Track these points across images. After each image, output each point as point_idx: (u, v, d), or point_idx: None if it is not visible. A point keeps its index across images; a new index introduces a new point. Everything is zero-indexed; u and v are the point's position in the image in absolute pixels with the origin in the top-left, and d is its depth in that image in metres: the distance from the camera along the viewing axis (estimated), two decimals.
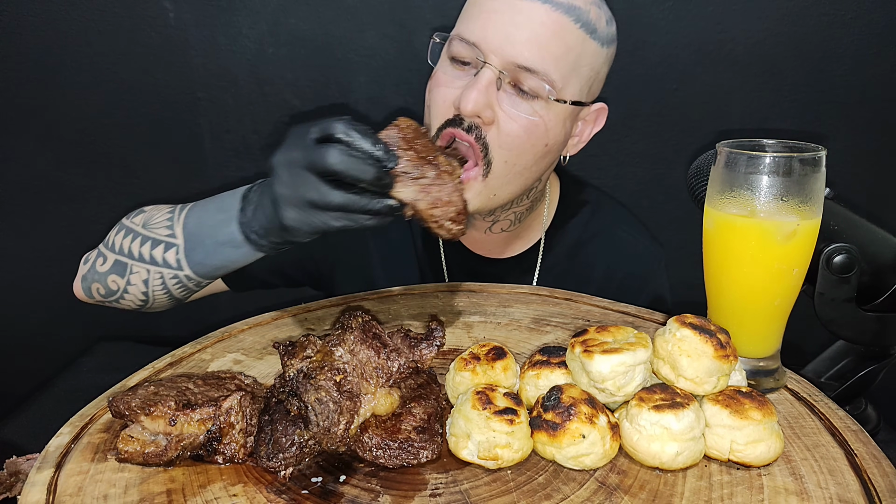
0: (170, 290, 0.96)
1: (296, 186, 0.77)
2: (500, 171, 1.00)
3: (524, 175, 1.03)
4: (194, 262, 0.93)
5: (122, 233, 0.99)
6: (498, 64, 0.96)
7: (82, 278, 1.02)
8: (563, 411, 0.67)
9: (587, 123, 1.09)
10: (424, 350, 0.78)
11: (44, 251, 1.69)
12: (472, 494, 0.63)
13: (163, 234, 0.95)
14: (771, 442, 0.67)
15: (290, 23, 1.52)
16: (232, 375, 0.78)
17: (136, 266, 0.95)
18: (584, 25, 0.98)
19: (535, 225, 1.20)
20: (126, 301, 0.99)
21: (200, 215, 0.94)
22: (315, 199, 0.76)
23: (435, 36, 1.05)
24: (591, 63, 1.01)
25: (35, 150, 1.61)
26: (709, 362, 0.70)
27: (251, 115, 1.59)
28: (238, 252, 0.90)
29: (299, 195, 0.77)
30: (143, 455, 0.66)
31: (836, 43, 1.51)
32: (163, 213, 0.98)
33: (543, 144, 1.01)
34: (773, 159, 0.74)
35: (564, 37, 0.96)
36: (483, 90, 0.95)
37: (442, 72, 1.02)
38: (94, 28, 1.51)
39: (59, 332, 1.75)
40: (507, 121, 0.97)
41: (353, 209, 0.76)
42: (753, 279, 0.79)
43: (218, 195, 0.95)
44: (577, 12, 0.97)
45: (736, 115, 1.59)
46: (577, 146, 1.10)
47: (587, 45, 0.99)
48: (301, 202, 0.77)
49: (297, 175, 0.77)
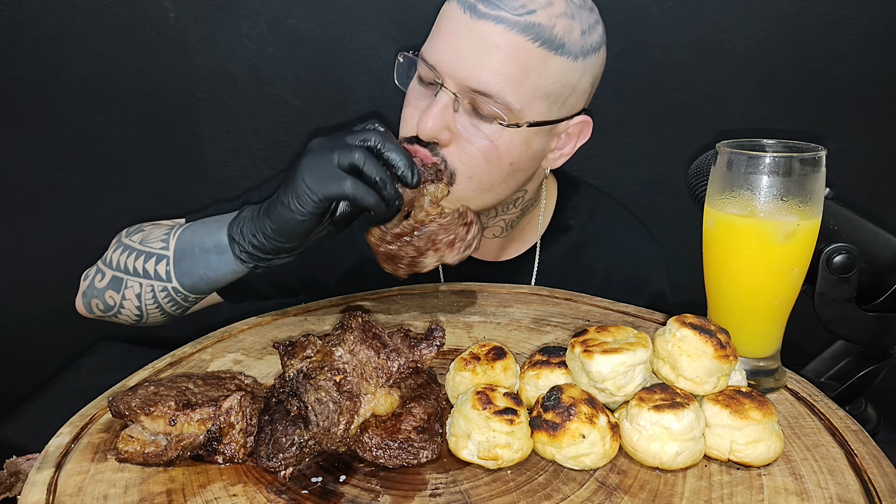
0: (160, 303, 0.97)
1: (324, 151, 0.81)
2: (465, 183, 0.98)
3: (494, 191, 1.01)
4: (181, 273, 0.94)
5: (119, 249, 1.00)
6: (453, 87, 0.94)
7: (83, 294, 1.03)
8: (563, 411, 0.67)
9: (570, 137, 1.05)
10: (424, 350, 0.78)
11: (44, 251, 1.69)
12: (472, 494, 0.63)
13: (157, 247, 0.96)
14: (771, 442, 0.67)
15: (290, 23, 1.52)
16: (232, 375, 0.78)
17: (131, 280, 0.96)
18: (546, 43, 0.93)
19: (530, 228, 1.19)
20: (123, 316, 1.01)
21: (197, 227, 0.95)
22: (340, 156, 0.80)
23: (399, 56, 1.03)
24: (559, 80, 0.96)
25: (35, 150, 1.61)
26: (709, 362, 0.70)
27: (251, 115, 1.59)
28: (220, 260, 0.91)
29: (324, 154, 0.81)
30: (143, 455, 0.67)
31: (836, 43, 1.51)
32: (162, 229, 1.00)
33: (508, 164, 0.99)
34: (773, 159, 0.74)
35: (521, 58, 0.92)
36: (439, 114, 0.94)
37: (410, 91, 1.02)
38: (94, 28, 1.51)
39: (59, 332, 1.75)
40: (463, 142, 0.96)
41: (369, 182, 0.81)
42: (753, 279, 0.79)
43: (224, 214, 0.97)
44: (535, 30, 0.92)
45: (736, 115, 1.59)
46: (559, 160, 1.07)
47: (552, 63, 0.94)
48: (324, 157, 0.81)
49: (325, 151, 0.82)
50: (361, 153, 0.80)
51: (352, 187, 0.79)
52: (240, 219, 0.90)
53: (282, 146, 1.61)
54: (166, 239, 0.96)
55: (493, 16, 0.92)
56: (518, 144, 0.98)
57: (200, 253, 0.92)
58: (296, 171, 0.82)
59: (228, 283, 0.95)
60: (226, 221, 0.92)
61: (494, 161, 0.97)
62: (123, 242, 1.00)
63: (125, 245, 0.99)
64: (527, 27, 0.92)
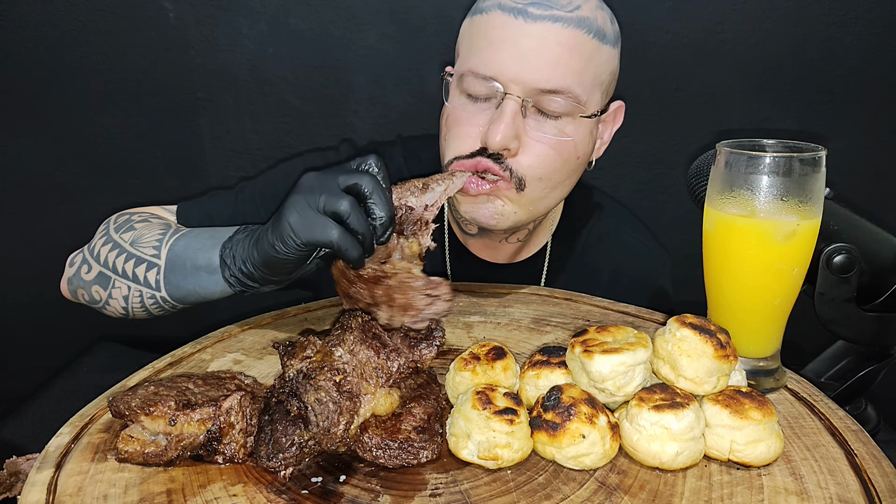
0: (148, 308, 0.98)
1: (313, 194, 0.79)
2: (535, 185, 0.99)
3: (560, 188, 1.03)
4: (170, 285, 0.94)
5: (108, 245, 0.99)
6: (520, 92, 0.94)
7: (68, 281, 1.04)
8: (563, 411, 0.67)
9: (607, 124, 1.09)
10: (424, 350, 0.78)
11: (44, 251, 1.69)
12: (472, 494, 0.63)
13: (148, 253, 0.96)
14: (771, 442, 0.67)
15: (290, 23, 1.52)
16: (232, 375, 0.78)
17: (119, 281, 0.96)
18: (596, 34, 0.97)
19: (542, 230, 1.19)
20: (108, 311, 1.01)
21: (190, 240, 0.95)
22: (326, 201, 0.77)
23: (447, 74, 1.04)
24: (608, 68, 1.01)
25: (35, 150, 1.61)
26: (709, 362, 0.70)
27: (251, 115, 1.59)
28: (210, 280, 0.91)
29: (313, 196, 0.78)
30: (143, 455, 0.66)
31: (836, 43, 1.51)
32: (154, 232, 0.99)
33: (575, 158, 1.01)
34: (773, 159, 0.74)
35: (581, 50, 0.95)
36: (510, 123, 0.94)
37: (460, 109, 1.00)
38: (94, 28, 1.51)
39: (59, 332, 1.75)
40: (534, 144, 0.96)
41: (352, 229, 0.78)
42: (753, 279, 0.79)
43: (218, 227, 0.96)
44: (587, 23, 0.96)
45: (736, 115, 1.59)
46: (600, 149, 1.10)
47: (602, 53, 0.98)
48: (312, 201, 0.78)
49: (314, 194, 0.79)
50: (348, 203, 0.77)
51: (337, 237, 0.76)
52: (233, 241, 0.90)
53: (282, 146, 1.61)
54: (158, 246, 0.96)
55: (548, 16, 0.94)
56: (585, 136, 1.00)
57: (192, 269, 0.92)
58: (283, 211, 0.80)
59: (217, 299, 0.95)
60: (219, 240, 0.92)
61: (565, 157, 0.99)
62: (112, 238, 1.00)
63: (115, 242, 0.99)
64: (581, 21, 0.95)
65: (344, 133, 1.60)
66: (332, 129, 1.60)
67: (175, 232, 0.98)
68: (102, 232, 1.03)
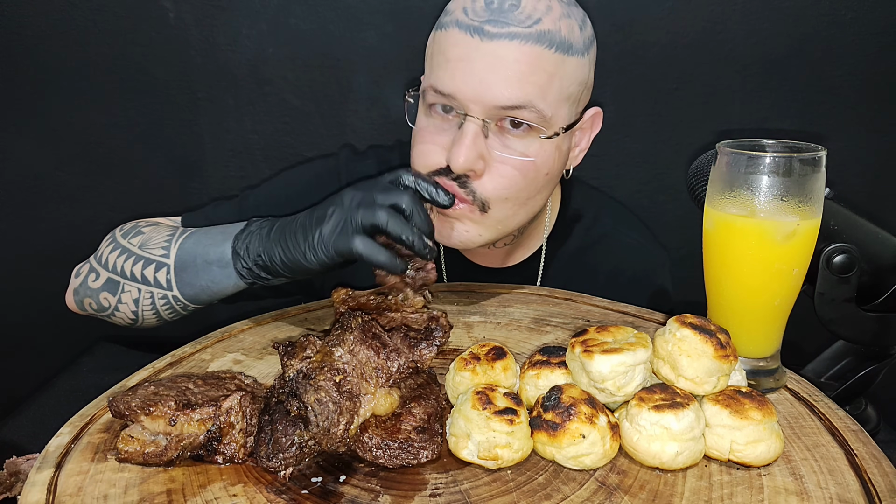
0: (158, 310, 0.97)
1: (353, 209, 0.83)
2: (501, 205, 0.97)
3: (529, 204, 1.01)
4: (182, 283, 0.94)
5: (116, 251, 0.99)
6: (479, 112, 0.91)
7: (74, 291, 1.03)
8: (563, 411, 0.67)
9: (584, 131, 1.06)
10: (424, 350, 0.79)
11: (44, 251, 1.69)
12: (472, 494, 0.63)
13: (157, 254, 0.96)
14: (771, 442, 0.67)
15: (290, 23, 1.52)
16: (232, 375, 0.78)
17: (128, 285, 0.96)
18: (559, 47, 0.92)
19: (535, 233, 1.18)
20: (116, 318, 1.01)
21: (200, 237, 0.95)
22: (364, 215, 0.82)
23: (408, 97, 1.01)
24: (576, 79, 0.96)
25: (35, 150, 1.61)
26: (709, 362, 0.70)
27: (251, 115, 1.59)
28: (222, 274, 0.91)
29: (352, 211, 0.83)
30: (143, 455, 0.67)
31: (836, 43, 1.51)
32: (162, 234, 0.99)
33: (544, 174, 0.98)
34: (773, 159, 0.74)
35: (543, 66, 0.91)
36: (471, 145, 0.91)
37: (423, 125, 0.98)
38: (94, 28, 1.51)
39: (59, 332, 1.75)
40: (498, 166, 0.94)
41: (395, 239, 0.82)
42: (753, 279, 0.79)
43: (227, 224, 0.97)
44: (548, 37, 0.91)
45: (736, 115, 1.59)
46: (579, 157, 1.07)
47: (567, 65, 0.94)
48: (351, 218, 0.83)
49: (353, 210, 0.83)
50: (386, 214, 0.82)
51: (367, 248, 0.81)
52: (246, 233, 0.90)
53: (282, 146, 1.61)
54: (167, 246, 0.96)
55: (504, 34, 0.90)
56: (552, 153, 0.97)
57: (203, 265, 0.92)
58: (321, 220, 0.84)
59: (230, 295, 0.95)
60: (230, 234, 0.92)
61: (532, 175, 0.96)
62: (120, 244, 1.00)
63: (122, 247, 0.99)
64: (541, 36, 0.91)
65: (344, 132, 1.60)
66: (332, 129, 1.60)
67: (183, 232, 0.98)
68: (109, 240, 1.02)
